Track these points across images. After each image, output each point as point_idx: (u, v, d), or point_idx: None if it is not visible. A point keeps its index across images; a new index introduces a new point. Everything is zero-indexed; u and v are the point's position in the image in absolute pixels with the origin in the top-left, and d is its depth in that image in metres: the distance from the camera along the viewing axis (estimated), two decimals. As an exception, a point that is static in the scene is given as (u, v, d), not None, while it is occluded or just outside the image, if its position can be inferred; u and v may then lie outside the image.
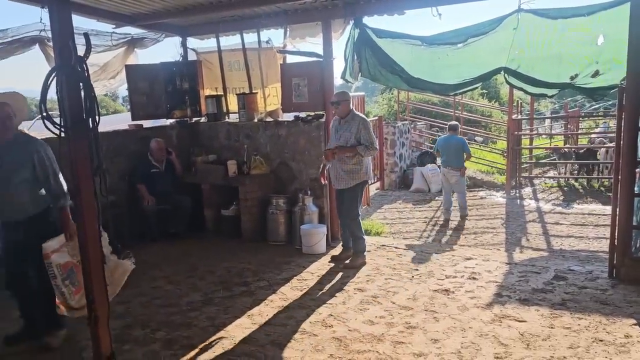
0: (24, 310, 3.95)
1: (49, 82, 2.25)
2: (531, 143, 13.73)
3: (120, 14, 6.65)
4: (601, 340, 3.78)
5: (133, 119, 7.56)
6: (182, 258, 6.23)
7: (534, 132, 14.50)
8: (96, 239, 2.46)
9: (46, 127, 2.30)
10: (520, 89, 5.64)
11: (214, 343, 3.97)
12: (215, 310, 4.61)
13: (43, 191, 3.74)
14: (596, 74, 5.08)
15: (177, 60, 7.88)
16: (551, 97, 6.12)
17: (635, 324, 4.02)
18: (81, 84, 2.30)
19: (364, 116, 5.76)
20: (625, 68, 4.73)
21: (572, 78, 5.19)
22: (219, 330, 4.19)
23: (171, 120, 7.87)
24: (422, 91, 11.18)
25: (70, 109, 2.27)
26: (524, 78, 5.34)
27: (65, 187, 3.55)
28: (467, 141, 9.37)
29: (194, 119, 7.87)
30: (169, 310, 4.65)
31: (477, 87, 6.34)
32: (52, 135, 2.32)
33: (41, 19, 5.88)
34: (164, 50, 9.32)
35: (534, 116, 15.58)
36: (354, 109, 5.79)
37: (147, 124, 7.74)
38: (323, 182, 6.15)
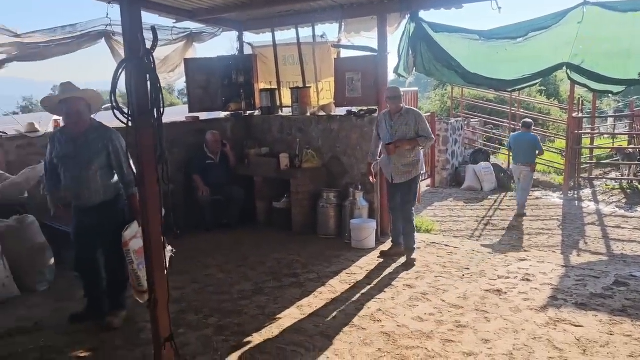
0: (90, 291, 4.18)
1: (119, 73, 2.36)
2: (592, 143, 13.16)
3: (181, 9, 6.85)
4: (664, 350, 3.61)
5: (190, 111, 7.79)
6: (234, 248, 6.38)
7: (595, 132, 13.88)
8: (158, 225, 2.56)
9: (115, 116, 2.42)
10: (584, 85, 5.39)
11: (263, 331, 4.05)
12: (265, 300, 4.70)
13: (115, 179, 3.97)
14: (668, 69, 4.80)
15: (233, 54, 8.05)
16: (616, 94, 5.83)
17: (702, 335, 3.81)
18: (148, 76, 2.39)
19: (416, 109, 5.79)
20: (700, 64, 4.46)
21: (640, 74, 4.94)
22: (269, 319, 4.28)
23: (226, 113, 8.06)
24: (478, 87, 10.92)
25: (137, 100, 2.38)
26: (588, 74, 5.11)
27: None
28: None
29: (248, 112, 8.02)
30: (221, 297, 4.78)
31: (536, 84, 6.15)
32: (120, 125, 2.45)
33: (107, 14, 6.15)
34: (220, 45, 9.53)
35: (596, 115, 14.91)
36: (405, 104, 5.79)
37: (203, 116, 7.95)
38: (372, 180, 6.12)
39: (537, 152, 8.87)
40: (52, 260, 5.21)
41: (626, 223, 8.53)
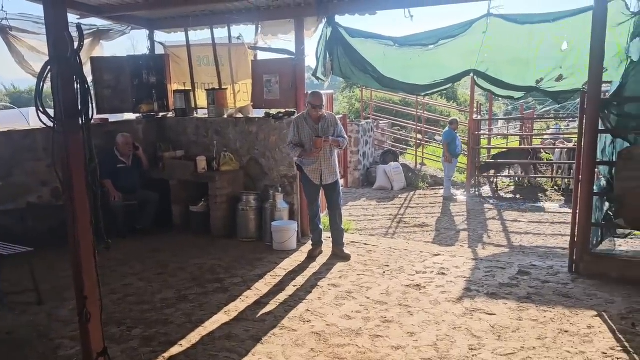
0: None
1: (44, 74, 2.20)
2: (489, 143, 14.18)
3: (86, 5, 6.49)
4: (566, 331, 3.99)
5: (98, 113, 7.35)
6: (151, 255, 6.14)
7: (494, 133, 14.97)
8: (88, 234, 2.42)
9: (40, 120, 2.25)
10: (489, 90, 5.85)
11: (192, 339, 3.95)
12: (190, 307, 4.58)
13: None
14: (560, 78, 5.33)
15: (144, 53, 7.74)
16: (518, 99, 6.38)
17: (596, 316, 4.26)
18: (75, 77, 2.25)
19: (330, 112, 6.08)
20: (587, 73, 4.98)
21: (537, 82, 5.44)
22: (196, 326, 4.17)
23: (137, 115, 7.72)
24: (393, 91, 11.43)
25: (65, 102, 2.23)
26: (493, 80, 5.54)
27: None
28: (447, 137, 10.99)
29: (161, 114, 7.74)
30: (143, 307, 4.59)
31: (447, 88, 6.54)
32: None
33: (2, 7, 5.68)
34: (121, 44, 9.13)
35: (492, 117, 16.09)
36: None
37: (112, 118, 7.57)
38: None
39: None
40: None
41: (522, 217, 9.30)
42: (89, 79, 7.36)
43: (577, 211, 5.27)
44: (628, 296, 4.63)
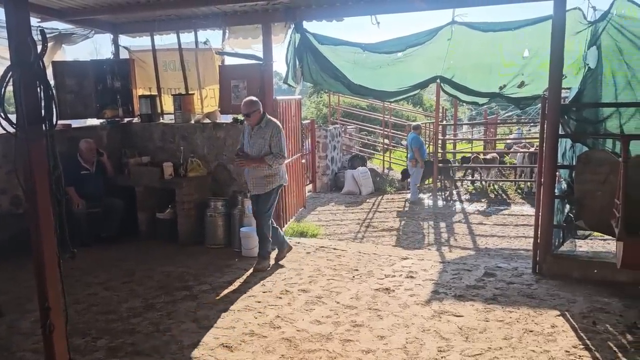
0: None
1: (5, 80, 2.13)
2: (455, 147, 14.44)
3: (48, 8, 6.33)
4: (531, 331, 4.10)
5: (60, 118, 7.16)
6: (116, 263, 6.00)
7: (459, 138, 15.26)
8: (52, 243, 2.36)
9: (2, 127, 2.18)
10: (454, 96, 5.97)
11: (161, 349, 3.88)
12: (158, 316, 4.50)
13: None
14: (522, 84, 5.50)
15: (107, 57, 7.60)
16: (482, 105, 6.54)
17: (559, 315, 4.39)
18: (38, 82, 2.20)
19: (278, 123, 5.71)
20: (548, 79, 5.15)
21: (501, 88, 5.59)
22: (164, 335, 4.10)
23: (101, 120, 7.55)
24: (363, 97, 11.54)
25: (27, 109, 2.17)
26: (458, 87, 5.67)
27: None
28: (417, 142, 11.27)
29: (126, 119, 7.60)
30: (108, 317, 4.48)
31: (415, 94, 6.66)
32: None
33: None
34: (83, 48, 8.95)
35: (457, 122, 16.40)
36: (268, 115, 5.74)
37: (75, 123, 7.39)
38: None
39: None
40: None
41: (487, 220, 9.51)
42: (50, 83, 7.19)
43: (540, 213, 5.43)
44: (589, 295, 4.78)
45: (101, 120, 7.55)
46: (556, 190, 5.46)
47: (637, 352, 3.69)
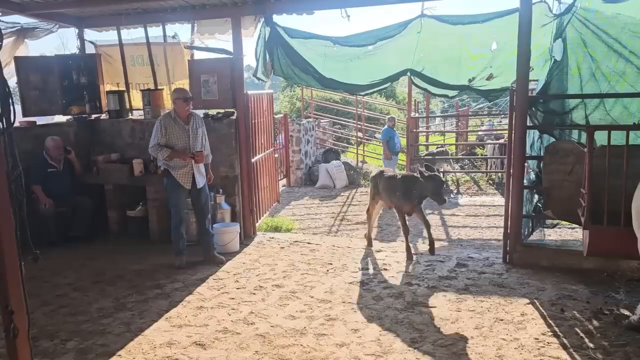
0: None
1: (-41, 76, 2.05)
2: (427, 140, 14.57)
3: (7, 1, 6.11)
4: (502, 320, 4.17)
5: (24, 116, 6.99)
6: (86, 263, 5.88)
7: (431, 130, 15.40)
8: (13, 246, 2.28)
9: (-44, 125, 2.09)
10: (425, 89, 6.01)
11: (132, 349, 3.82)
12: (129, 316, 4.43)
13: None
14: (490, 77, 5.56)
15: (73, 52, 7.41)
16: (452, 97, 6.60)
17: (528, 303, 4.47)
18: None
19: (199, 115, 5.88)
20: (515, 72, 5.22)
21: (470, 80, 5.65)
22: (136, 335, 4.04)
23: (68, 117, 7.37)
24: (334, 90, 11.53)
25: (-17, 106, 2.09)
26: (428, 79, 5.70)
27: None
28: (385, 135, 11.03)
29: (94, 116, 7.43)
30: (78, 318, 4.39)
31: (386, 87, 6.67)
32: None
33: None
34: (49, 42, 8.71)
35: (429, 115, 16.55)
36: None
37: (40, 120, 7.19)
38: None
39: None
40: None
41: (459, 211, 9.62)
42: (13, 79, 6.98)
43: (509, 204, 5.52)
44: (557, 283, 4.89)
45: (68, 117, 7.37)
46: (525, 181, 5.55)
47: (602, 337, 3.78)
